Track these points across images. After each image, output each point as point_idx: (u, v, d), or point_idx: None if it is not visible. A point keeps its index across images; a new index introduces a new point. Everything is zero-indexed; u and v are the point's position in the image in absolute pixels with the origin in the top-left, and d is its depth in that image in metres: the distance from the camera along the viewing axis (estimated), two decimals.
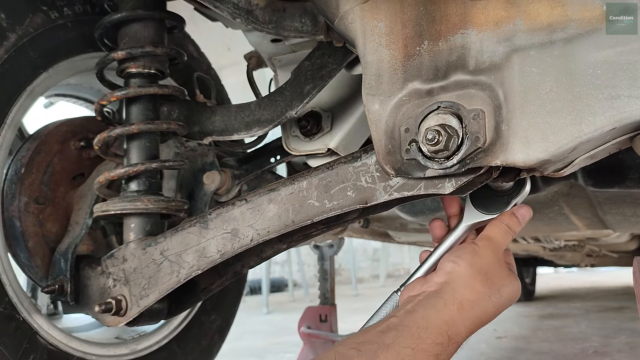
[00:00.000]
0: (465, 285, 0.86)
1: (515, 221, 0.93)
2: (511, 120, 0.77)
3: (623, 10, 0.73)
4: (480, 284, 0.86)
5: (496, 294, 0.87)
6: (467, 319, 0.84)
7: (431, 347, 0.80)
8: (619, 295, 6.22)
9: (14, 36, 1.20)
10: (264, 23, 1.07)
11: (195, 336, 1.64)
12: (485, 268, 0.88)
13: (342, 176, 1.00)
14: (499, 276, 0.88)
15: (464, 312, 0.84)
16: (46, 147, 1.35)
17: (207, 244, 1.12)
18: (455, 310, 0.84)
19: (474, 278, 0.87)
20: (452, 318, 0.83)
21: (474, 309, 0.85)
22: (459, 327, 0.83)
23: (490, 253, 0.89)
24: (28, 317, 1.22)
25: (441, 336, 0.81)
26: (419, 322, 0.82)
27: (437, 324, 0.82)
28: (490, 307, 0.87)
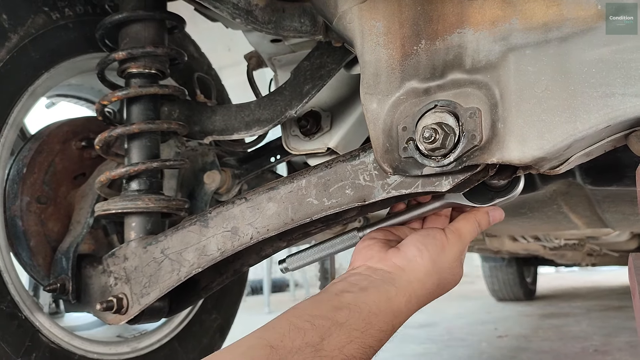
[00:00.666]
0: (419, 281, 0.89)
1: (486, 221, 0.96)
2: (507, 119, 0.78)
3: (622, 9, 0.74)
4: (432, 283, 0.90)
5: (440, 292, 0.92)
6: (411, 311, 0.88)
7: (377, 333, 0.83)
8: (619, 294, 6.22)
9: (16, 37, 1.21)
10: (264, 23, 1.07)
11: (196, 335, 1.64)
12: (444, 267, 0.91)
13: (341, 174, 1.00)
14: (453, 274, 0.92)
15: (410, 305, 0.87)
16: (48, 147, 1.36)
17: (207, 242, 1.13)
18: (403, 303, 0.87)
19: (430, 275, 0.89)
20: (400, 309, 0.86)
21: (419, 303, 0.89)
22: (402, 317, 0.87)
23: (455, 251, 0.92)
24: (30, 315, 1.23)
25: (387, 324, 0.84)
26: (371, 307, 0.84)
27: (386, 312, 0.85)
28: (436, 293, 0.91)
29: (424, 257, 0.89)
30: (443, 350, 3.16)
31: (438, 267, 0.90)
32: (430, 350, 3.11)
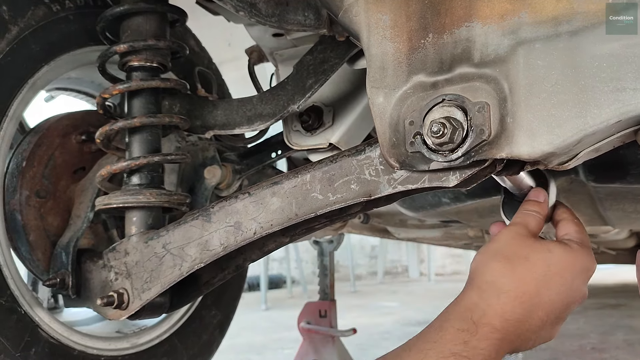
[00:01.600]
0: (482, 271, 0.83)
1: (530, 203, 0.91)
2: (516, 113, 0.77)
3: (623, 9, 0.74)
4: (496, 262, 0.82)
5: (523, 262, 0.81)
6: (491, 298, 0.79)
7: (455, 334, 0.77)
8: (616, 292, 6.24)
9: (16, 29, 1.20)
10: (267, 16, 1.06)
11: (195, 331, 1.64)
12: (501, 246, 0.84)
13: (346, 169, 1.00)
14: (520, 247, 0.83)
15: (484, 294, 0.80)
16: (47, 140, 1.35)
17: (209, 237, 1.12)
18: (474, 295, 0.81)
19: (488, 260, 0.83)
20: (473, 302, 0.80)
21: (495, 285, 0.80)
22: (482, 308, 0.79)
23: (507, 233, 0.86)
24: (29, 310, 1.22)
25: (464, 322, 0.78)
26: (441, 317, 0.81)
27: (457, 311, 0.80)
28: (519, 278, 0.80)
29: (476, 257, 0.86)
30: None
31: (492, 250, 0.84)
32: None
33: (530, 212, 0.90)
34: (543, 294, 0.81)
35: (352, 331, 2.64)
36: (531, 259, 0.82)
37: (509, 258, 0.82)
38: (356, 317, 5.00)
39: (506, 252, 0.83)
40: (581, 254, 0.85)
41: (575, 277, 0.84)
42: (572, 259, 0.83)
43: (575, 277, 0.84)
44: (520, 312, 0.80)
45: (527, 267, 0.81)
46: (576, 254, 0.84)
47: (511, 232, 0.87)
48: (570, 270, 0.83)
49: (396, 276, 11.08)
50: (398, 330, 4.26)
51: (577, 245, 0.86)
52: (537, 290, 0.81)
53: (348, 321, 3.92)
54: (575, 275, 0.84)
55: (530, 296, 0.80)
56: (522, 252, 0.82)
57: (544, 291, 0.81)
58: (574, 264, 0.84)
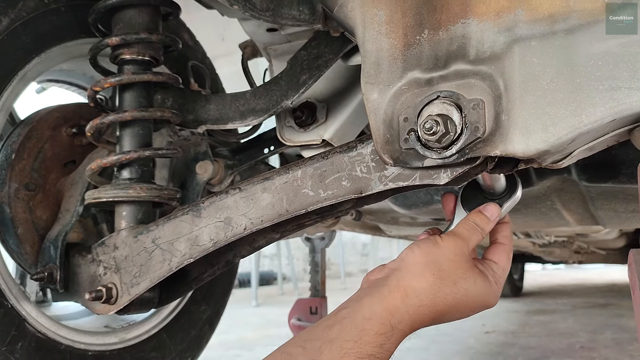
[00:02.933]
0: (413, 273, 0.84)
1: (483, 218, 0.92)
2: (511, 111, 0.77)
3: (623, 9, 0.73)
4: (430, 273, 0.84)
5: (450, 285, 0.84)
6: (411, 307, 0.82)
7: (374, 337, 0.79)
8: (604, 292, 6.28)
9: (7, 20, 1.19)
10: (262, 10, 1.05)
11: (184, 326, 1.63)
12: (440, 259, 0.86)
13: (337, 166, 0.99)
14: (456, 269, 0.86)
15: (407, 300, 0.82)
16: (37, 133, 1.33)
17: (199, 233, 1.12)
18: (398, 298, 0.82)
19: (425, 266, 0.85)
20: (395, 306, 0.82)
21: (419, 297, 0.83)
22: (402, 314, 0.82)
23: (450, 246, 0.87)
24: (16, 304, 1.21)
25: (384, 326, 0.80)
26: (364, 313, 0.81)
27: (380, 313, 0.81)
28: (441, 298, 0.84)
29: (415, 253, 0.86)
30: (431, 345, 3.17)
31: (432, 259, 0.85)
32: (418, 345, 3.11)
33: (477, 229, 0.91)
34: (448, 315, 0.87)
35: None
36: (458, 285, 0.85)
37: (441, 276, 0.85)
38: None
39: (442, 268, 0.85)
40: (495, 291, 0.90)
41: (477, 309, 0.89)
42: (486, 295, 0.88)
43: (476, 309, 0.89)
44: (428, 322, 0.85)
45: (452, 291, 0.85)
46: (491, 291, 0.89)
47: (456, 247, 0.88)
48: (478, 304, 0.88)
49: None
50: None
51: (495, 285, 0.90)
52: (447, 311, 0.86)
53: None
54: (478, 308, 0.89)
55: (440, 314, 0.85)
56: (454, 276, 0.85)
57: (450, 313, 0.87)
58: (485, 299, 0.89)
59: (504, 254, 0.94)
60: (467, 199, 0.96)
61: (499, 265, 0.92)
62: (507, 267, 0.93)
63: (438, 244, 0.88)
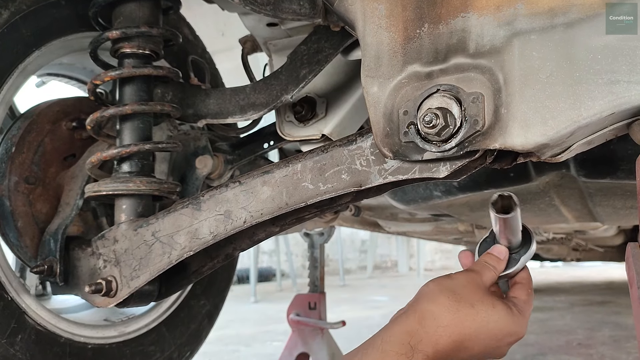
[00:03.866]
0: (429, 299, 0.86)
1: (492, 257, 0.93)
2: (510, 104, 0.77)
3: (623, 9, 0.74)
4: (445, 297, 0.85)
5: (468, 307, 0.84)
6: (430, 327, 0.83)
7: (395, 357, 0.80)
8: (602, 289, 6.29)
9: (7, 13, 1.19)
10: (262, 5, 1.06)
11: (184, 320, 1.63)
12: (454, 286, 0.87)
13: (337, 159, 0.99)
14: (472, 293, 0.86)
15: (424, 321, 0.83)
16: (37, 126, 1.33)
17: (199, 226, 1.12)
18: (416, 321, 0.83)
19: (440, 292, 0.86)
20: (413, 328, 0.83)
21: (436, 318, 0.83)
22: (420, 335, 0.82)
23: (464, 277, 0.89)
24: (16, 297, 1.21)
25: (403, 346, 0.81)
26: (384, 337, 0.83)
27: (398, 335, 0.82)
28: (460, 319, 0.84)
29: (429, 284, 0.88)
30: None
31: (446, 287, 0.86)
32: None
33: (488, 266, 0.92)
34: (473, 342, 0.85)
35: (341, 324, 2.64)
36: (476, 308, 0.85)
37: (457, 299, 0.85)
38: (345, 311, 5.01)
39: (456, 292, 0.86)
40: (518, 320, 0.89)
41: (504, 338, 0.88)
42: (509, 322, 0.87)
43: (504, 339, 0.88)
44: (451, 347, 0.84)
45: (469, 313, 0.85)
46: (514, 319, 0.88)
47: (468, 277, 0.89)
48: (503, 331, 0.87)
49: (385, 271, 11.11)
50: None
51: (518, 314, 0.89)
52: (470, 337, 0.85)
53: (337, 315, 3.93)
54: (505, 337, 0.88)
55: (462, 338, 0.84)
56: (470, 299, 0.85)
57: (474, 340, 0.85)
58: (509, 327, 0.87)
59: (524, 290, 0.94)
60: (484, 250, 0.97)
61: (519, 298, 0.92)
62: (528, 300, 0.93)
63: (451, 276, 0.89)
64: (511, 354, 2.85)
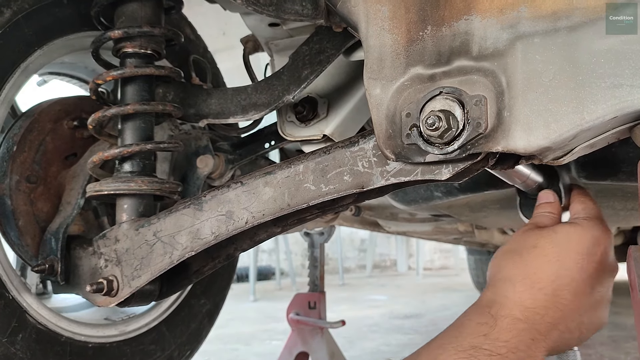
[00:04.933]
0: (494, 271, 0.86)
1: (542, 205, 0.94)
2: (513, 107, 0.77)
3: (623, 9, 0.74)
4: (508, 260, 0.85)
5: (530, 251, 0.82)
6: (508, 291, 0.81)
7: (474, 328, 0.78)
8: None
9: (9, 12, 1.19)
10: (265, 5, 1.06)
11: (184, 319, 1.63)
12: (511, 245, 0.87)
13: (339, 160, 1.00)
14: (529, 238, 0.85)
15: (499, 290, 0.83)
16: (39, 125, 1.33)
17: (201, 226, 1.12)
18: (490, 293, 0.83)
19: (501, 260, 0.86)
20: (489, 299, 0.83)
21: (508, 279, 0.82)
22: (500, 302, 0.81)
23: (517, 235, 0.89)
24: (17, 295, 1.21)
25: (483, 316, 0.80)
26: (459, 317, 0.84)
27: (475, 310, 0.82)
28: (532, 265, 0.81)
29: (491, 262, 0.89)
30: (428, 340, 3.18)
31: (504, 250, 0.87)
32: (415, 341, 3.12)
33: (541, 214, 0.93)
34: (562, 275, 0.81)
35: (340, 323, 2.65)
36: (539, 245, 0.83)
37: (517, 251, 0.84)
38: (345, 310, 5.02)
39: (515, 248, 0.86)
40: (588, 226, 0.86)
41: (590, 249, 0.84)
42: (579, 233, 0.84)
43: (590, 249, 0.84)
44: (543, 298, 0.79)
45: (536, 254, 0.82)
46: (583, 228, 0.85)
47: (520, 231, 0.90)
48: (581, 243, 0.83)
49: (385, 270, 11.12)
50: (386, 323, 4.28)
51: (584, 221, 0.87)
52: (555, 273, 0.81)
53: (337, 314, 3.93)
54: (590, 247, 0.84)
55: (548, 281, 0.80)
56: (529, 242, 0.84)
57: (562, 272, 0.81)
58: (583, 236, 0.84)
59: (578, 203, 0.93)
60: (526, 208, 0.98)
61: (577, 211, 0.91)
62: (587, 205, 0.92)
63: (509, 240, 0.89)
64: None
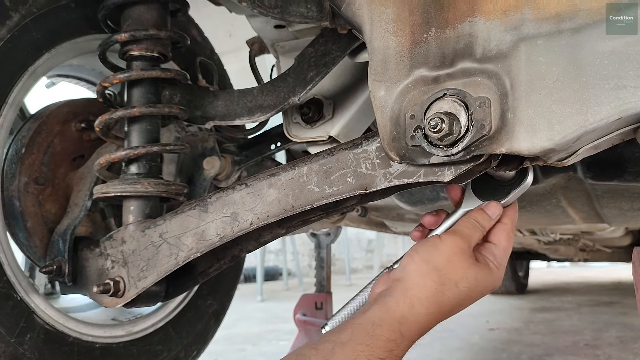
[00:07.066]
0: (417, 284, 0.87)
1: (484, 216, 0.93)
2: (517, 109, 0.77)
3: (623, 9, 0.74)
4: (432, 281, 0.87)
5: (452, 288, 0.87)
6: (419, 316, 0.85)
7: (384, 343, 0.82)
8: (610, 290, 6.26)
9: (17, 16, 1.20)
10: (270, 7, 1.06)
11: (190, 320, 1.64)
12: (441, 262, 0.88)
13: (343, 162, 1.00)
14: (457, 269, 0.88)
15: (414, 309, 0.85)
16: (47, 127, 1.34)
17: (206, 227, 1.13)
18: (406, 309, 0.85)
19: (426, 275, 0.87)
20: (404, 316, 0.85)
21: (424, 305, 0.86)
22: (410, 324, 0.85)
23: (450, 246, 0.89)
24: (25, 296, 1.22)
25: (394, 333, 0.83)
26: (374, 320, 0.84)
27: (389, 321, 0.84)
28: (445, 301, 0.87)
29: (415, 260, 0.89)
30: (435, 341, 3.17)
31: (433, 265, 0.87)
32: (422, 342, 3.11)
33: (478, 227, 0.92)
34: (454, 312, 0.90)
35: None
36: (460, 286, 0.88)
37: (442, 281, 0.87)
38: None
39: (443, 272, 0.87)
40: (495, 279, 0.92)
41: (481, 295, 0.92)
42: (487, 284, 0.91)
43: (481, 295, 0.92)
44: (434, 325, 0.89)
45: (454, 293, 0.87)
46: (492, 280, 0.91)
47: (455, 247, 0.89)
48: (482, 292, 0.91)
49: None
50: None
51: (496, 270, 0.92)
52: (452, 309, 0.89)
53: None
54: (481, 295, 0.92)
55: (446, 314, 0.89)
56: (455, 277, 0.88)
57: (456, 310, 0.90)
58: (488, 287, 0.91)
59: (504, 234, 0.94)
60: (478, 185, 0.97)
61: (498, 246, 0.93)
62: (507, 247, 0.94)
63: (437, 246, 0.89)
64: (517, 355, 2.85)
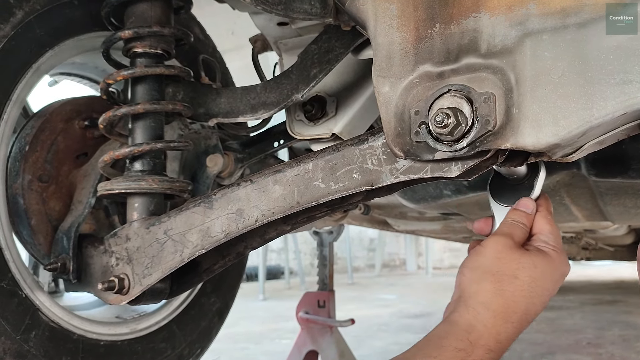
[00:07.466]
0: (474, 292, 0.86)
1: (518, 213, 0.93)
2: (522, 104, 0.77)
3: (623, 9, 0.74)
4: (488, 283, 0.85)
5: (513, 281, 0.85)
6: (487, 320, 0.84)
7: (453, 353, 0.81)
8: (612, 289, 6.26)
9: (21, 13, 1.20)
10: (274, 4, 1.06)
11: (194, 318, 1.64)
12: (490, 263, 0.87)
13: (349, 158, 1.00)
14: (509, 262, 0.86)
15: (479, 316, 0.84)
16: (50, 125, 1.35)
17: (211, 224, 1.13)
18: (471, 317, 0.84)
19: (481, 280, 0.86)
20: (470, 324, 0.84)
21: (489, 308, 0.84)
22: (479, 331, 0.83)
23: (493, 246, 0.88)
24: (30, 293, 1.23)
25: (462, 342, 0.82)
26: (440, 334, 0.84)
27: (455, 332, 0.83)
28: (510, 298, 0.85)
29: (465, 273, 0.89)
30: None
31: (483, 269, 0.87)
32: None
33: (517, 224, 0.92)
34: (530, 310, 0.87)
35: (350, 322, 2.65)
36: (519, 277, 0.86)
37: (498, 279, 0.86)
38: (354, 309, 5.02)
39: (495, 271, 0.86)
40: (559, 262, 0.90)
41: (556, 283, 0.90)
42: (553, 269, 0.89)
43: (556, 284, 0.90)
44: (512, 331, 0.85)
45: (516, 286, 0.85)
46: (556, 264, 0.89)
47: (498, 244, 0.89)
48: (552, 280, 0.89)
49: (394, 269, 11.11)
50: (395, 322, 4.28)
51: (554, 253, 0.90)
52: (526, 307, 0.86)
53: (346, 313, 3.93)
54: (555, 283, 0.89)
55: (520, 315, 0.86)
56: (510, 270, 0.86)
57: (530, 307, 0.87)
58: (554, 273, 0.89)
59: (544, 221, 0.93)
60: (497, 191, 0.97)
61: (544, 233, 0.92)
62: (553, 230, 0.93)
63: (480, 251, 0.89)
64: (520, 353, 2.85)
